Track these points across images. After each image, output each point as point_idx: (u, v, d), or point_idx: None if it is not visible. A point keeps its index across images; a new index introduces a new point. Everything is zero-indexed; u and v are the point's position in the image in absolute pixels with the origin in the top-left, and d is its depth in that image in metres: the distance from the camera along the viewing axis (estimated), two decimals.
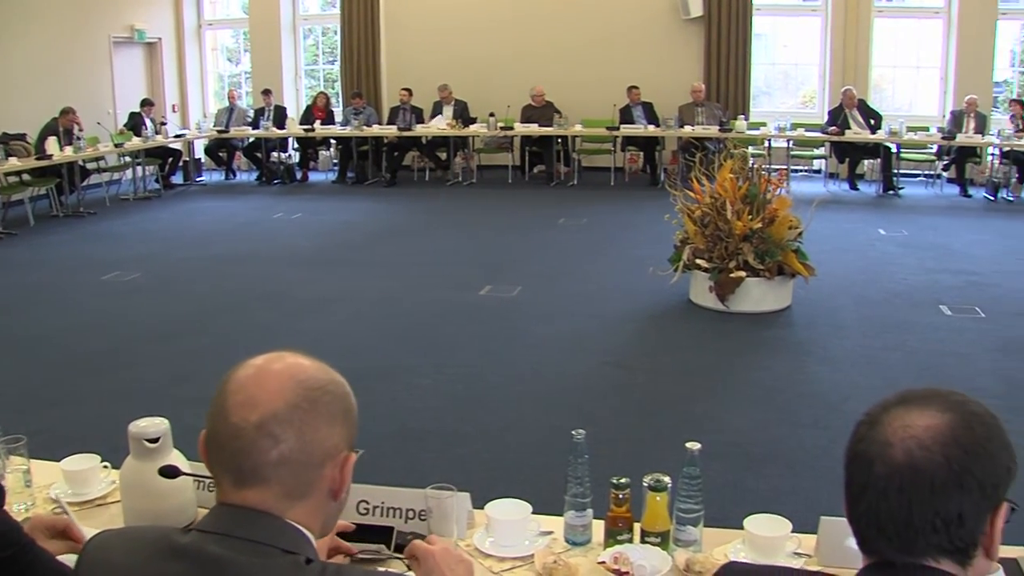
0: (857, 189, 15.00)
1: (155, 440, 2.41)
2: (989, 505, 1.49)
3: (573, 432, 2.57)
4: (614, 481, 2.52)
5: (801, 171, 15.94)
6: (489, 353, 7.15)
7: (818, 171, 16.03)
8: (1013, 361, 7.18)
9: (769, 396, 6.28)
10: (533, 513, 2.59)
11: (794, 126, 14.89)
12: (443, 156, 15.83)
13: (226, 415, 1.60)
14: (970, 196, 14.65)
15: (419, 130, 15.38)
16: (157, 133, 15.08)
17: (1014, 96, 16.17)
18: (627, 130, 14.87)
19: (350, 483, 1.71)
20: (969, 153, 14.97)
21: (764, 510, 2.59)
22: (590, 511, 2.57)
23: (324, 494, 1.65)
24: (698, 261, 8.08)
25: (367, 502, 2.55)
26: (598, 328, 7.79)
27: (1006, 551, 2.50)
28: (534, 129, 14.89)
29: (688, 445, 2.53)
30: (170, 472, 2.18)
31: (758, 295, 8.03)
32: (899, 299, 8.72)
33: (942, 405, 1.52)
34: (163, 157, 15.52)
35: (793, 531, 2.54)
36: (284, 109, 16.55)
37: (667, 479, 2.51)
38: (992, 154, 15.02)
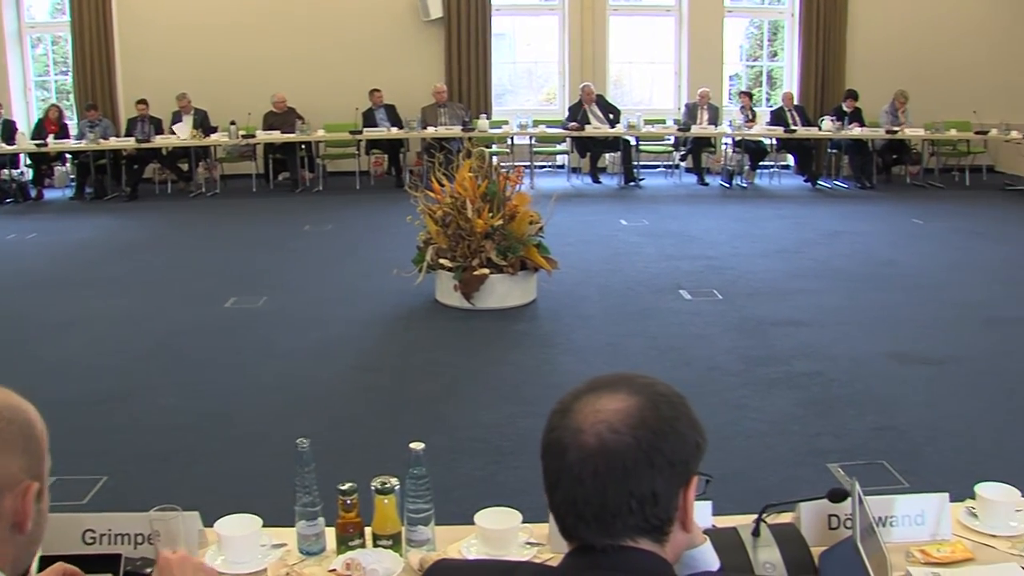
0: (599, 182, 15.38)
1: None
2: (680, 481, 1.54)
3: (298, 441, 2.53)
4: (340, 487, 2.50)
5: (545, 167, 16.25)
6: (235, 367, 6.96)
7: (561, 166, 16.37)
8: (748, 339, 7.50)
9: (516, 390, 6.34)
10: (273, 526, 2.55)
11: (535, 123, 15.17)
12: (185, 167, 15.37)
13: None
14: (707, 184, 15.29)
15: (159, 141, 14.86)
16: None
17: (744, 89, 16.89)
18: (370, 133, 14.81)
19: (43, 515, 1.61)
20: (704, 143, 15.63)
21: (514, 503, 2.60)
22: (321, 519, 2.54)
23: (6, 527, 1.54)
24: (441, 261, 8.09)
25: (93, 531, 2.46)
26: (345, 334, 7.71)
27: (727, 520, 2.58)
28: (276, 136, 14.65)
29: (412, 446, 2.53)
30: None
31: (503, 291, 8.11)
32: (641, 286, 8.96)
33: (630, 389, 1.54)
34: None
35: (531, 521, 2.55)
36: (13, 123, 15.69)
37: (394, 481, 2.50)
38: (726, 144, 15.75)
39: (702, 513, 2.56)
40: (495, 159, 9.94)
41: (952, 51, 16.79)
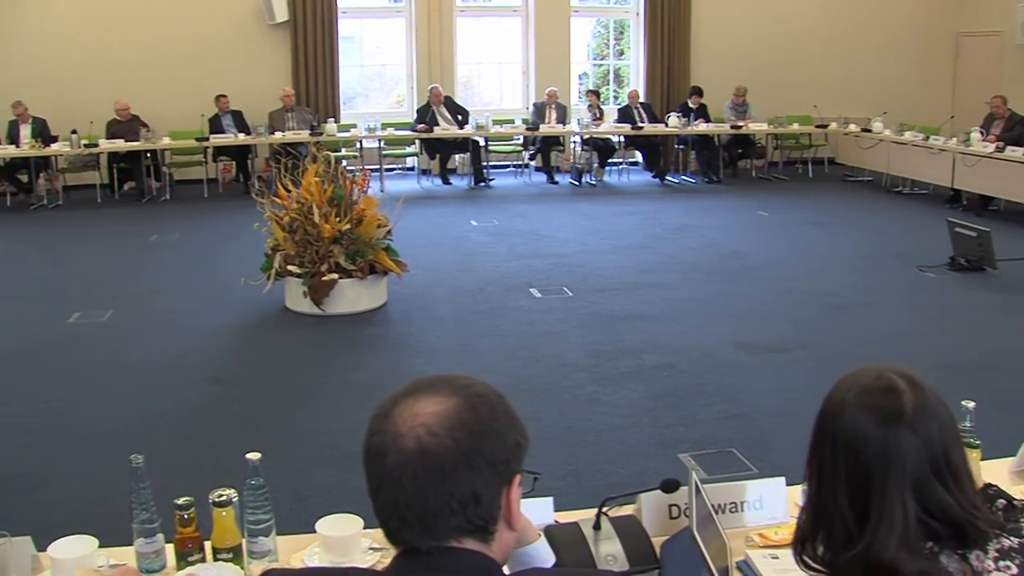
0: (449, 183, 15.39)
1: None
2: (502, 481, 1.54)
3: (131, 458, 2.48)
4: (177, 502, 2.46)
5: (395, 170, 16.18)
6: (80, 384, 6.76)
7: (411, 169, 16.32)
8: (598, 334, 7.61)
9: (369, 394, 6.29)
10: (113, 545, 2.51)
11: (384, 126, 15.10)
12: (24, 179, 14.90)
13: None
14: (556, 183, 15.44)
15: None
16: None
17: (591, 87, 17.08)
18: (217, 140, 14.54)
19: None
20: (553, 142, 15.78)
21: (367, 509, 2.58)
22: (160, 536, 2.50)
23: None
24: (290, 267, 8.01)
25: None
26: (195, 345, 7.57)
27: (570, 515, 2.61)
28: (120, 144, 14.27)
29: (248, 456, 2.50)
30: None
31: (353, 296, 8.07)
32: (492, 286, 9.01)
33: (448, 391, 1.55)
34: None
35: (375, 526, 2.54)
36: None
37: (231, 493, 2.47)
38: (574, 142, 15.89)
39: (543, 510, 2.58)
40: (344, 163, 9.89)
41: (793, 48, 17.29)
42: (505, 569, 1.64)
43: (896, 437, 1.69)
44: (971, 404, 2.81)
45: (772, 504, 2.70)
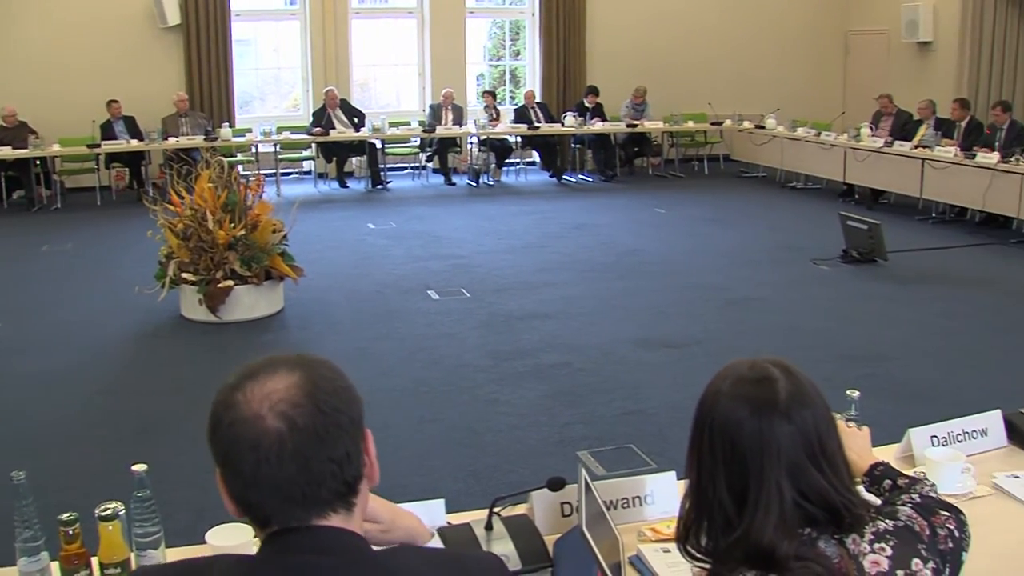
0: (347, 187, 15.28)
1: None
2: (360, 435, 1.58)
3: (12, 474, 2.43)
4: (61, 518, 2.40)
5: (292, 174, 16.04)
6: None
7: (308, 172, 16.17)
8: (496, 335, 7.64)
9: None
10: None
11: (279, 130, 14.94)
12: None
13: None
14: (454, 184, 15.44)
15: None
16: None
17: (488, 88, 17.10)
18: (109, 146, 14.28)
19: None
20: (450, 143, 15.78)
21: None
22: (45, 554, 2.45)
23: None
24: (184, 275, 7.91)
25: None
26: (88, 357, 7.43)
27: (463, 516, 2.61)
28: (7, 152, 13.91)
29: (134, 468, 2.47)
30: None
31: (249, 302, 8.00)
32: (389, 289, 9.00)
33: (285, 366, 1.55)
34: None
35: None
36: None
37: (116, 506, 2.43)
38: (471, 143, 15.91)
39: (434, 511, 2.59)
40: (239, 168, 9.79)
41: (688, 47, 17.52)
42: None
43: (770, 425, 1.73)
44: (856, 393, 2.88)
45: (664, 498, 2.73)
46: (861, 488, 2.14)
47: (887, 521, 1.82)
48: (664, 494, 2.74)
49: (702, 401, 1.85)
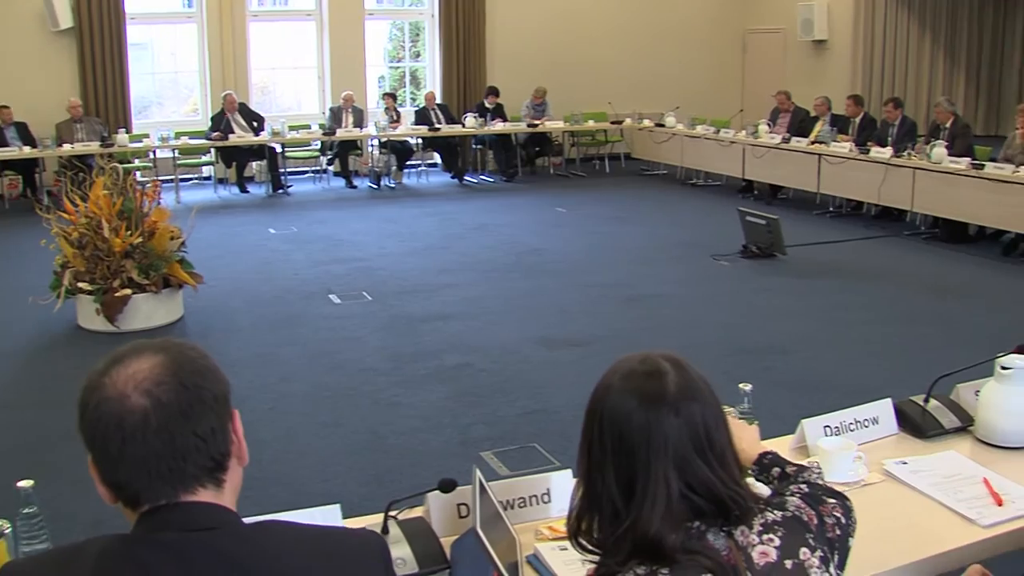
0: (247, 192, 15.10)
1: None
2: (227, 414, 1.61)
3: None
4: None
5: (191, 180, 15.82)
6: None
7: (208, 178, 15.97)
8: (398, 337, 7.64)
9: None
10: None
11: (178, 135, 14.74)
12: None
13: None
14: (355, 187, 15.40)
15: None
16: None
17: (388, 90, 17.05)
18: (1, 154, 13.99)
19: None
20: (351, 146, 15.73)
21: None
22: None
23: None
24: (80, 284, 7.76)
25: None
26: None
27: (360, 521, 2.59)
28: None
29: (20, 485, 2.44)
30: None
31: (148, 310, 7.89)
32: (291, 294, 8.93)
33: (150, 349, 1.59)
34: None
35: None
36: None
37: (2, 524, 2.39)
38: (372, 145, 15.84)
39: (330, 517, 2.59)
40: (137, 174, 9.65)
41: (587, 47, 17.65)
42: None
43: (658, 417, 1.76)
44: (748, 387, 2.93)
45: (561, 496, 2.74)
46: (752, 479, 2.18)
47: (776, 512, 1.85)
48: (562, 492, 2.75)
49: (594, 394, 1.87)
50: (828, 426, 3.14)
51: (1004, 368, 3.07)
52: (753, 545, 1.78)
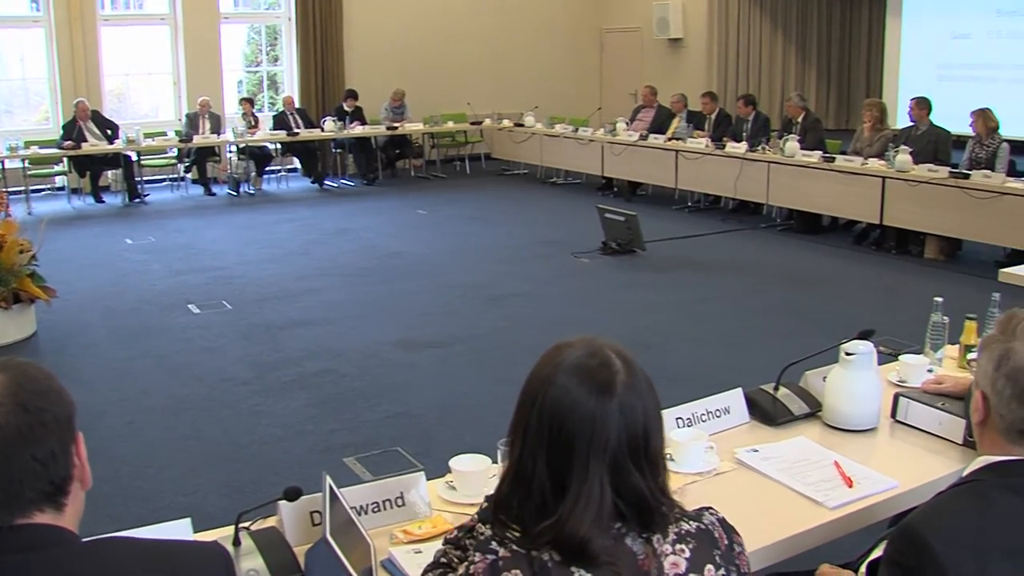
0: (103, 202, 14.70)
1: None
2: (70, 438, 1.60)
3: None
4: None
5: (43, 190, 15.38)
6: None
7: (61, 188, 15.54)
8: (259, 346, 7.58)
9: None
10: None
11: (27, 144, 14.30)
12: None
13: None
14: (214, 194, 15.17)
15: None
16: None
17: (246, 95, 16.83)
18: None
19: None
20: (208, 153, 15.47)
21: None
22: None
23: None
24: None
25: None
26: None
27: (211, 534, 2.58)
28: None
29: None
30: None
31: None
32: (148, 305, 8.79)
33: None
34: None
35: None
36: None
37: None
38: (230, 151, 15.63)
39: (180, 531, 2.56)
40: None
41: (446, 48, 17.70)
42: None
43: (603, 411, 1.74)
44: None
45: (412, 499, 2.76)
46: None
47: (691, 523, 1.86)
48: (416, 496, 2.77)
49: (535, 375, 1.83)
50: (680, 418, 3.21)
51: (848, 354, 3.19)
52: (666, 554, 1.79)
